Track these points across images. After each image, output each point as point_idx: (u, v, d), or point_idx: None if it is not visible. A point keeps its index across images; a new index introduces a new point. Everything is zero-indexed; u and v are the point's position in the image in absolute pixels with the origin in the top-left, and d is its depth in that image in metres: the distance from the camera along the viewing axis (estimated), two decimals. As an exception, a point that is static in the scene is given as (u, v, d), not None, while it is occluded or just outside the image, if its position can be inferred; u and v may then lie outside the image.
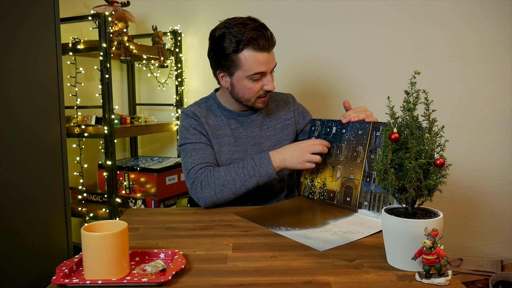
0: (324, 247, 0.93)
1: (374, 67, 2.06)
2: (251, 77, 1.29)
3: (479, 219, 2.01)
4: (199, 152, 1.33)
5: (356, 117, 1.26)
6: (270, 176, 1.26)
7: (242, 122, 1.42)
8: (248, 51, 1.26)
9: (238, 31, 1.26)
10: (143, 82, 2.47)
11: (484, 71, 1.94)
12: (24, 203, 1.32)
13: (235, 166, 1.27)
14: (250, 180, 1.25)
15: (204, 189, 1.25)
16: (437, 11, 1.96)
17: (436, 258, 0.73)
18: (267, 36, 1.28)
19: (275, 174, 1.25)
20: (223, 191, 1.25)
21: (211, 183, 1.25)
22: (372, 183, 1.15)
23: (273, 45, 1.31)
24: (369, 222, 1.09)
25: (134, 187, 2.01)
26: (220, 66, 1.33)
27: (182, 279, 0.78)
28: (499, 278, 1.87)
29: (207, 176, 1.26)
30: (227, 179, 1.25)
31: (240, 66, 1.28)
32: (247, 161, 1.27)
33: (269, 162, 1.25)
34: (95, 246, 0.76)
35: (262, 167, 1.25)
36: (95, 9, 1.83)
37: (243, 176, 1.25)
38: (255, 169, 1.25)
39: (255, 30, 1.25)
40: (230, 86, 1.35)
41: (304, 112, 1.54)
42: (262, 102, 1.38)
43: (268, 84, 1.32)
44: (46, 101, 1.41)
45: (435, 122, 0.80)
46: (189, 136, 1.36)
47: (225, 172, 1.26)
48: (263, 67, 1.28)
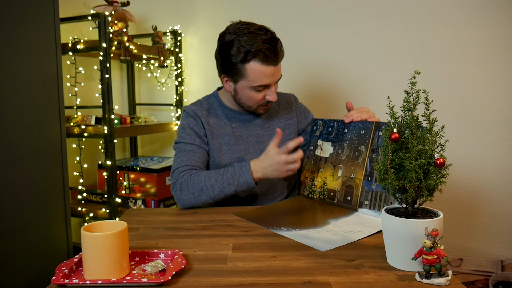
0: (326, 247, 0.93)
1: (374, 67, 2.06)
2: (255, 88, 1.30)
3: (479, 219, 2.01)
4: (188, 154, 1.34)
5: (359, 117, 1.26)
6: (249, 185, 1.26)
7: (244, 121, 1.42)
8: (255, 63, 1.25)
9: (248, 41, 1.24)
10: (143, 82, 2.47)
11: (484, 71, 1.94)
12: (24, 203, 1.32)
13: (216, 173, 1.27)
14: (228, 187, 1.26)
15: (183, 191, 1.27)
16: (437, 11, 1.95)
17: (436, 258, 0.73)
18: (276, 49, 1.26)
19: (254, 183, 1.26)
20: (201, 195, 1.26)
21: (190, 186, 1.26)
22: (373, 182, 1.15)
23: (281, 58, 1.31)
24: (370, 221, 1.09)
25: (134, 187, 2.01)
26: (225, 71, 1.33)
27: (182, 279, 0.78)
28: (499, 278, 1.86)
29: (187, 179, 1.27)
30: (206, 184, 1.26)
31: (245, 76, 1.28)
32: (227, 169, 1.28)
33: (249, 172, 1.25)
34: (95, 246, 0.76)
35: (241, 176, 1.25)
36: (95, 9, 1.83)
37: (222, 183, 1.26)
38: (234, 178, 1.26)
39: (265, 43, 1.23)
40: (233, 92, 1.35)
41: (306, 112, 1.54)
42: (264, 109, 1.39)
43: (271, 95, 1.32)
44: (46, 101, 1.41)
45: (435, 122, 0.80)
46: (184, 135, 1.38)
47: (205, 177, 1.27)
48: (268, 80, 1.28)
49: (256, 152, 1.40)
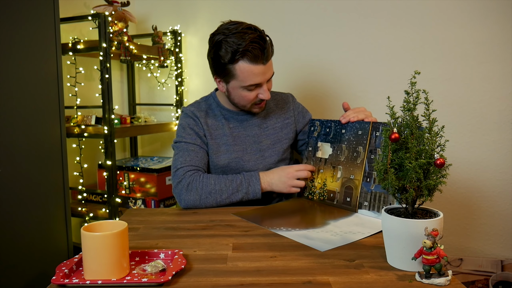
0: (325, 248, 0.93)
1: (374, 67, 2.06)
2: (246, 88, 1.30)
3: (479, 219, 2.01)
4: (191, 154, 1.34)
5: (356, 117, 1.26)
6: (256, 195, 1.28)
7: (241, 121, 1.42)
8: (244, 63, 1.25)
9: (235, 41, 1.23)
10: (143, 82, 2.47)
11: (484, 71, 1.94)
12: (24, 203, 1.32)
13: (225, 178, 1.29)
14: (236, 194, 1.27)
15: (190, 192, 1.27)
16: (437, 11, 1.95)
17: (436, 258, 0.73)
18: (265, 48, 1.25)
19: (260, 194, 1.28)
20: (208, 198, 1.26)
21: (198, 188, 1.26)
22: (372, 183, 1.15)
23: (270, 57, 1.29)
24: (369, 222, 1.09)
25: (134, 187, 2.01)
26: (217, 72, 1.33)
27: (182, 279, 0.78)
28: (499, 278, 1.86)
29: (196, 181, 1.27)
30: (215, 188, 1.26)
31: (235, 76, 1.28)
32: (237, 176, 1.30)
33: (258, 182, 1.28)
34: (95, 246, 0.76)
35: (250, 185, 1.28)
36: (95, 9, 1.83)
37: (231, 189, 1.27)
38: (244, 185, 1.27)
39: (252, 42, 1.22)
40: (227, 92, 1.36)
41: (304, 111, 1.54)
42: (259, 107, 1.39)
43: (263, 93, 1.32)
44: (46, 101, 1.41)
45: (435, 122, 0.80)
46: (184, 135, 1.38)
47: (215, 181, 1.27)
48: (258, 78, 1.28)
49: (253, 152, 1.40)
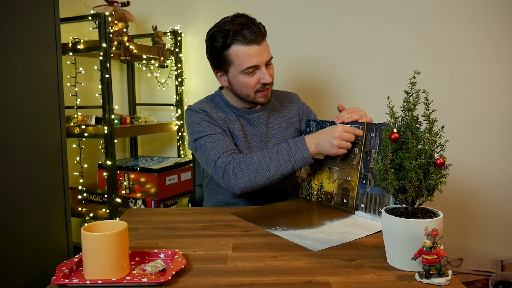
0: (318, 247, 0.93)
1: (374, 67, 2.06)
2: (244, 71, 1.28)
3: (479, 219, 2.01)
4: (219, 142, 1.29)
5: (350, 118, 1.24)
6: (306, 161, 1.22)
7: (249, 120, 1.41)
8: (237, 46, 1.26)
9: (226, 28, 1.26)
10: (143, 82, 2.47)
11: (484, 71, 1.94)
12: (24, 203, 1.32)
13: (269, 152, 1.23)
14: (285, 165, 1.22)
15: (238, 175, 1.22)
16: (437, 11, 1.95)
17: (436, 258, 0.73)
18: (254, 28, 1.26)
19: (311, 158, 1.21)
20: (257, 177, 1.22)
21: (244, 169, 1.22)
22: (368, 185, 1.15)
23: (263, 36, 1.29)
24: (365, 224, 1.09)
25: (134, 187, 2.01)
26: (216, 66, 1.34)
27: (182, 279, 0.78)
28: (499, 278, 1.86)
29: (239, 163, 1.23)
30: (261, 164, 1.22)
31: (232, 62, 1.28)
32: (281, 146, 1.24)
33: (305, 146, 1.21)
34: (95, 246, 0.76)
35: (297, 152, 1.21)
36: (95, 9, 1.83)
37: (278, 161, 1.21)
38: (290, 154, 1.21)
39: (241, 24, 1.25)
40: (229, 84, 1.35)
41: (309, 111, 1.54)
42: (263, 96, 1.34)
43: (264, 76, 1.29)
44: (46, 101, 1.41)
45: (435, 122, 0.80)
46: (202, 129, 1.32)
47: (259, 158, 1.23)
48: (254, 60, 1.27)
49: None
